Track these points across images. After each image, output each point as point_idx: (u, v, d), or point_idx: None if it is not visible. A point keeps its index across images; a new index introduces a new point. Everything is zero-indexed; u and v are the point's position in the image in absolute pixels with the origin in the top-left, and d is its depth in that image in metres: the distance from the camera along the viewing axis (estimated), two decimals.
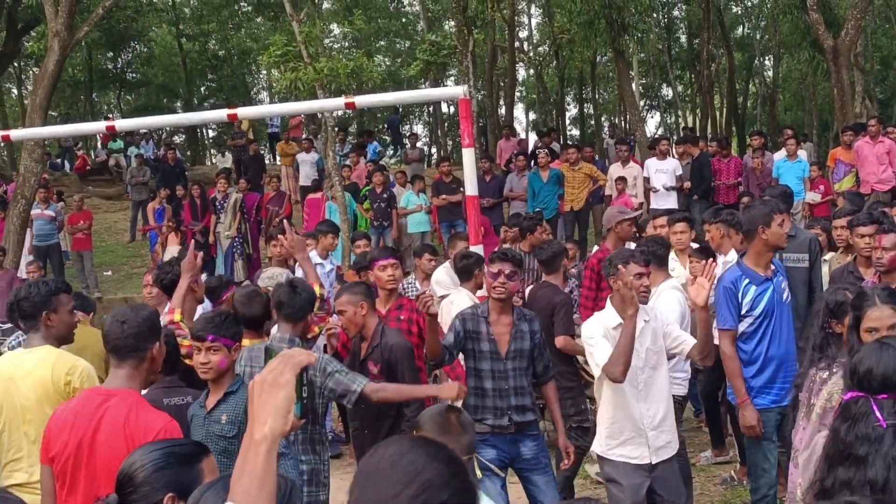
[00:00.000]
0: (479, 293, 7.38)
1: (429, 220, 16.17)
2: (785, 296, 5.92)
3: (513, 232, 10.79)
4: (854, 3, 19.34)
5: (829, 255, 8.14)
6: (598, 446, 5.39)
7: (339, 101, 8.48)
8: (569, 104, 42.62)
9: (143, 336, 3.94)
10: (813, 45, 22.11)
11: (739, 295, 5.83)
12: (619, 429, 5.29)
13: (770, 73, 38.34)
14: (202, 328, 4.50)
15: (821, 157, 20.60)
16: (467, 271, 7.57)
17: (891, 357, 3.16)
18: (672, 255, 7.97)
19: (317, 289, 5.84)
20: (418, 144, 26.69)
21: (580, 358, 7.07)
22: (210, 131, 42.69)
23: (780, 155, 15.42)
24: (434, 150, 38.00)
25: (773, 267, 5.98)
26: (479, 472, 4.90)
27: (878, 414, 3.07)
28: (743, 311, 5.89)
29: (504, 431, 5.67)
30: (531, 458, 5.71)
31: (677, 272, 7.82)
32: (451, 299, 7.60)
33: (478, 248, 7.54)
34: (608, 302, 5.48)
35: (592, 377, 7.23)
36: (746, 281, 5.86)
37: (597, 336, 5.27)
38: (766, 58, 38.68)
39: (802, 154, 15.48)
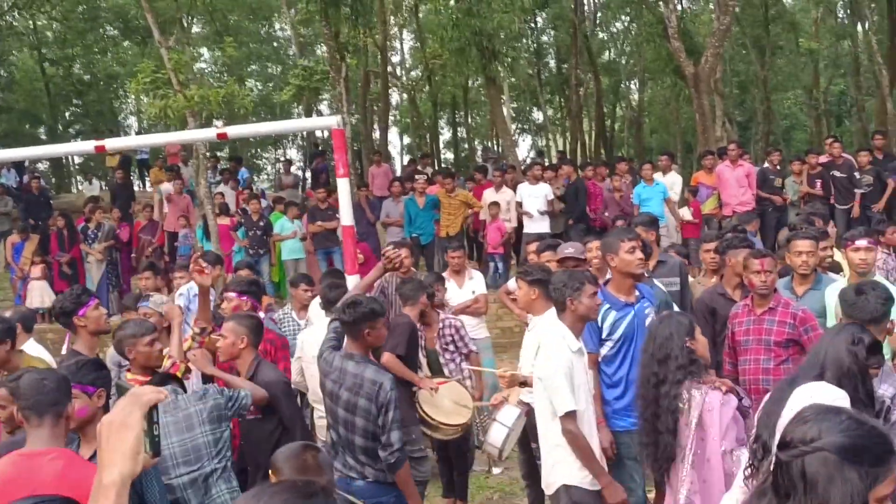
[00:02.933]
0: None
1: (302, 247, 16.08)
2: (649, 321, 5.97)
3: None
4: (713, 32, 20.13)
5: (691, 279, 8.39)
6: (572, 478, 5.28)
7: (211, 132, 8.35)
8: (442, 128, 43.04)
9: (63, 390, 3.82)
10: (675, 72, 22.90)
11: (599, 319, 6.01)
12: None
13: (636, 98, 39.46)
14: None
15: (685, 179, 21.30)
16: (335, 303, 7.55)
17: None
18: None
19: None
20: (292, 170, 26.52)
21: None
22: (76, 158, 41.48)
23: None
24: (308, 175, 37.77)
25: (636, 293, 6.17)
26: None
27: None
28: (604, 336, 6.09)
29: None
30: None
31: None
32: (317, 329, 7.56)
33: (353, 279, 7.52)
34: (558, 319, 5.49)
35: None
36: (606, 306, 6.04)
37: (561, 375, 5.18)
38: (632, 82, 39.82)
39: (659, 177, 15.91)
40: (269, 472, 3.84)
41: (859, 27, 32.25)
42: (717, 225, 14.92)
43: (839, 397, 3.74)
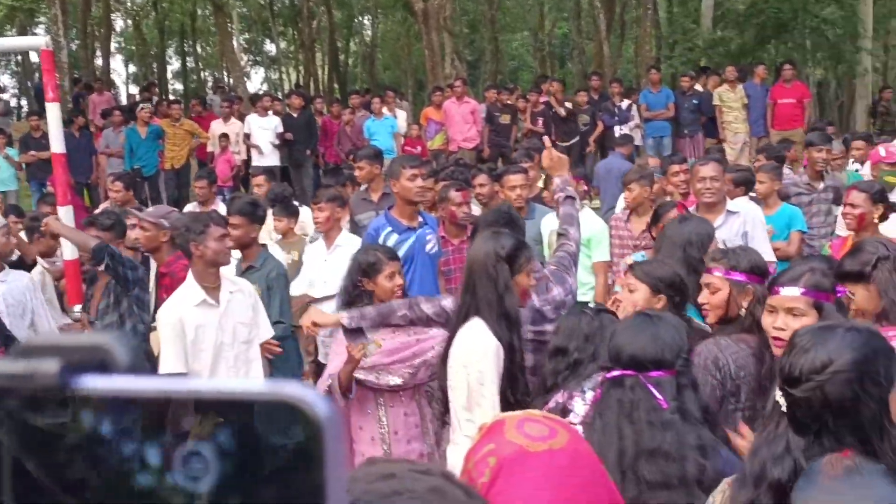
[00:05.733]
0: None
1: (14, 177, 15.08)
2: (429, 247, 6.14)
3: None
4: None
5: None
6: None
7: None
8: (170, 57, 41.40)
9: None
10: (406, 8, 23.08)
11: (381, 241, 6.01)
12: None
13: (369, 32, 39.50)
14: None
15: (416, 115, 21.59)
16: None
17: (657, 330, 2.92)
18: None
19: None
20: (4, 96, 24.77)
21: None
22: None
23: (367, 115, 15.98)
24: (24, 102, 35.36)
25: (420, 219, 6.24)
26: None
27: (656, 394, 2.78)
28: None
29: None
30: None
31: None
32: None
33: (66, 210, 7.11)
34: (190, 276, 5.06)
35: None
36: (388, 229, 6.10)
37: (167, 332, 4.86)
38: (365, 17, 39.79)
39: (387, 112, 16.03)
40: None
41: None
42: (445, 160, 15.25)
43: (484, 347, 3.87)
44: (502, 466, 1.98)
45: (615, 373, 2.85)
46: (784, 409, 2.22)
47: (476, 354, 3.86)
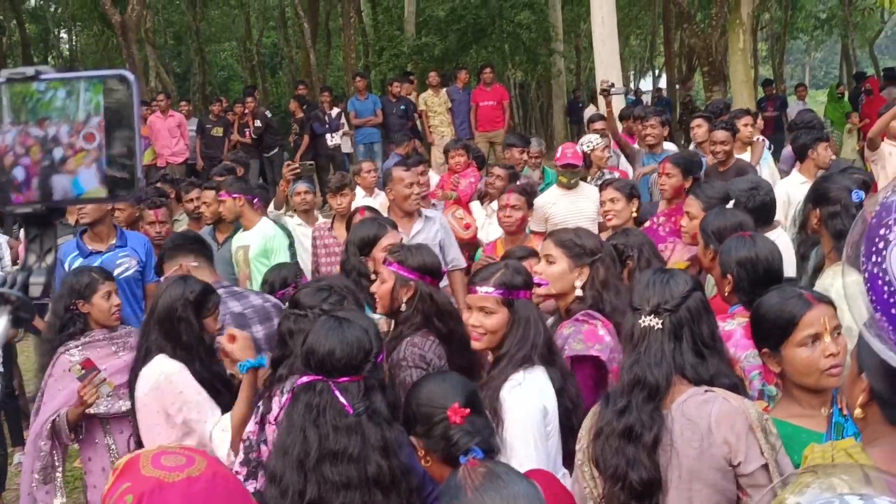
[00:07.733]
0: None
1: None
2: (119, 270, 5.79)
3: None
4: None
5: None
6: None
7: None
8: None
9: None
10: (102, 20, 22.14)
11: (67, 267, 5.67)
12: None
13: (67, 46, 37.65)
14: None
15: None
16: None
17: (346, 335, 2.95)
18: None
19: None
20: None
21: None
22: None
23: None
24: None
25: (114, 241, 5.97)
26: None
27: (342, 400, 2.85)
28: None
29: None
30: None
31: None
32: None
33: None
34: None
35: None
36: (74, 253, 5.85)
37: None
38: (62, 30, 37.92)
39: None
40: None
41: None
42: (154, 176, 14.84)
43: None
44: (140, 502, 1.98)
45: (305, 378, 2.93)
46: (658, 326, 2.90)
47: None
